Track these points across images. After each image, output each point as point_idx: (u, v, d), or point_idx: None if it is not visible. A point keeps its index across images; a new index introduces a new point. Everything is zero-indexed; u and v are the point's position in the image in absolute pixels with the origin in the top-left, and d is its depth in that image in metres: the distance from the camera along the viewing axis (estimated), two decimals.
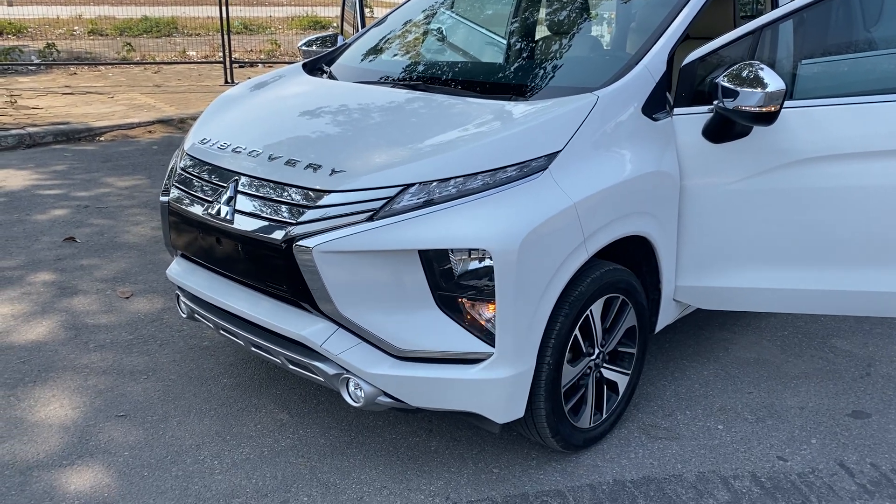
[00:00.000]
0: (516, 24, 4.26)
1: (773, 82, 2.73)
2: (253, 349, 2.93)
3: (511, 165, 2.58)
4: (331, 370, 2.66)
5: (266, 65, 13.90)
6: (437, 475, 2.88)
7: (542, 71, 3.31)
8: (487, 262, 2.47)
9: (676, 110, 3.03)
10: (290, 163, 2.71)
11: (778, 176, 3.03)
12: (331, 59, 3.93)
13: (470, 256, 2.49)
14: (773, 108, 2.75)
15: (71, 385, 3.47)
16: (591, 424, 2.98)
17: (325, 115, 3.11)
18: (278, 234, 2.60)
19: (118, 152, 7.78)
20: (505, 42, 3.71)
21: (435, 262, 2.49)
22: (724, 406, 3.34)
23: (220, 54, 12.43)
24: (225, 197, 2.78)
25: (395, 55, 3.94)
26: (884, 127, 2.95)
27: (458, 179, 2.55)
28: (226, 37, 11.64)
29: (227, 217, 2.75)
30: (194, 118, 9.26)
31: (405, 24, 4.15)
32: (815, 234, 3.07)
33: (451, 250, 2.47)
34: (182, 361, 3.68)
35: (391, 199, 2.52)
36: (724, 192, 3.07)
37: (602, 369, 2.99)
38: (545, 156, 2.63)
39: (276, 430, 3.15)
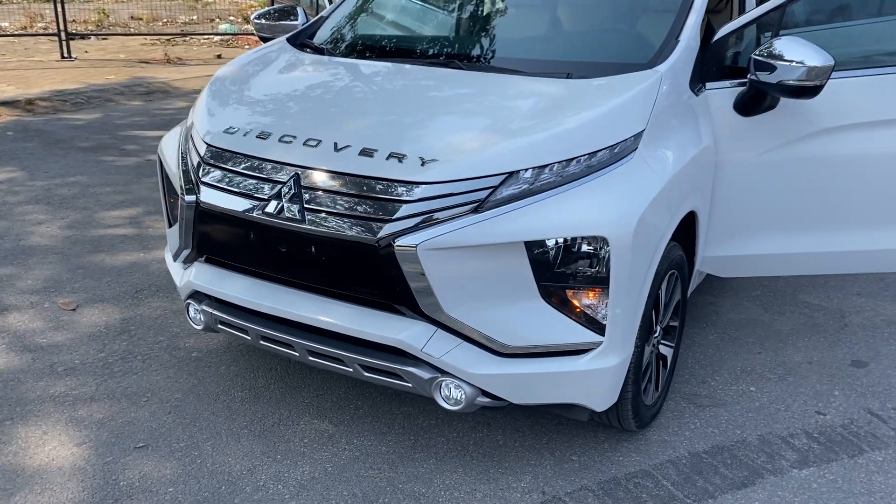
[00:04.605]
0: None
1: (820, 57, 2.82)
2: (311, 358, 2.66)
3: (604, 148, 2.50)
4: (425, 374, 2.47)
5: (99, 37, 12.62)
6: (522, 470, 2.78)
7: (582, 46, 3.21)
8: (598, 249, 2.38)
9: (709, 85, 3.08)
10: (367, 153, 2.46)
11: (801, 145, 3.16)
12: (312, 32, 3.60)
13: (580, 244, 2.39)
14: (818, 83, 2.85)
15: (59, 418, 2.99)
16: (653, 401, 3.01)
17: (368, 98, 2.85)
18: (369, 233, 2.36)
19: None
20: (536, 13, 3.53)
21: (542, 253, 2.37)
22: (745, 368, 3.49)
23: (40, 25, 11.14)
24: (288, 194, 2.48)
25: (403, 28, 3.64)
26: (892, 97, 3.17)
27: (556, 165, 2.43)
28: (59, 6, 10.42)
29: (295, 216, 2.46)
30: (45, 98, 8.28)
31: None
32: (833, 198, 3.25)
33: (565, 239, 2.36)
34: (178, 378, 3.29)
35: (495, 188, 2.36)
36: (752, 163, 3.16)
37: (660, 345, 3.02)
38: (633, 136, 2.57)
39: (327, 442, 2.90)
